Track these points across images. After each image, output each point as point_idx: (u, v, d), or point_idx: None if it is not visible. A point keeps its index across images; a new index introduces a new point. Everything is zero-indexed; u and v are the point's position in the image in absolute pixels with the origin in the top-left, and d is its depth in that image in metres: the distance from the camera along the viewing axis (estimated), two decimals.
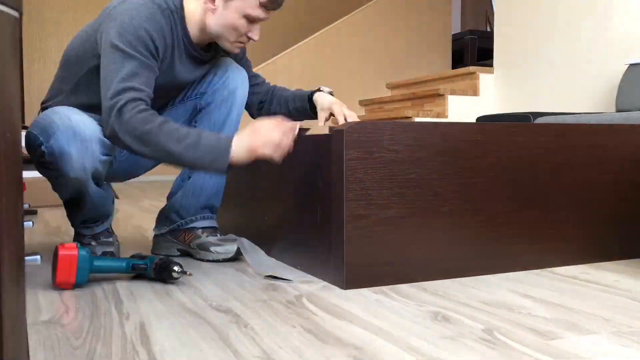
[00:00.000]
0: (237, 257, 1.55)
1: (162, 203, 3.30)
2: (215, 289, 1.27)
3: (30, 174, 3.02)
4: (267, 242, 1.60)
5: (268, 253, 1.58)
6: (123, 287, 1.28)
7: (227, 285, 1.30)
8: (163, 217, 1.63)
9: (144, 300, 1.17)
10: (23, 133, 3.07)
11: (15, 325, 0.49)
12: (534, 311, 1.09)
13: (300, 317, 1.05)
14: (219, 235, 1.59)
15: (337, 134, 1.27)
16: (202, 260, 1.55)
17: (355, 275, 1.26)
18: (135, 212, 2.80)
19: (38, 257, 1.58)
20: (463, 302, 1.15)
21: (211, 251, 1.53)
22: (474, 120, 3.71)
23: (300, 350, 0.88)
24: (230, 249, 1.53)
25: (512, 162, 1.41)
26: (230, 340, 0.93)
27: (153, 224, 1.70)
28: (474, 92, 4.07)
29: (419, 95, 4.23)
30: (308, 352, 0.88)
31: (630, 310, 1.10)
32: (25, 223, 2.34)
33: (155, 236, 1.66)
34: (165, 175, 5.80)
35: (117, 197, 3.36)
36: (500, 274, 1.40)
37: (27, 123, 5.30)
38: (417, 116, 3.92)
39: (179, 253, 1.62)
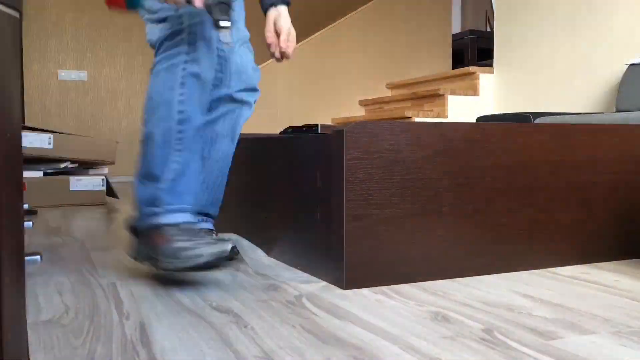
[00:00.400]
0: (232, 256, 1.54)
1: None
2: (215, 289, 1.27)
3: (30, 174, 3.02)
4: (267, 242, 1.60)
5: (268, 253, 1.58)
6: (123, 287, 1.28)
7: (227, 286, 1.30)
8: None
9: (144, 301, 1.17)
10: (23, 133, 3.06)
11: (15, 325, 0.49)
12: (534, 311, 1.09)
13: (300, 317, 1.05)
14: (214, 235, 1.59)
15: (337, 133, 1.27)
16: None
17: (355, 275, 1.26)
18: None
19: (38, 257, 1.59)
20: (463, 302, 1.15)
21: None
22: (474, 120, 3.71)
23: (300, 350, 0.88)
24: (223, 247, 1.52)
25: (512, 162, 1.41)
26: (230, 340, 0.93)
27: None
28: (474, 92, 4.07)
29: (419, 95, 4.24)
30: (308, 352, 0.88)
31: (630, 310, 1.10)
32: (25, 223, 2.34)
33: None
34: None
35: (117, 198, 3.36)
36: (500, 274, 1.40)
37: (28, 123, 5.30)
38: (417, 116, 3.93)
39: None
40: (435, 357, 0.85)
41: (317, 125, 1.53)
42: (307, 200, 1.40)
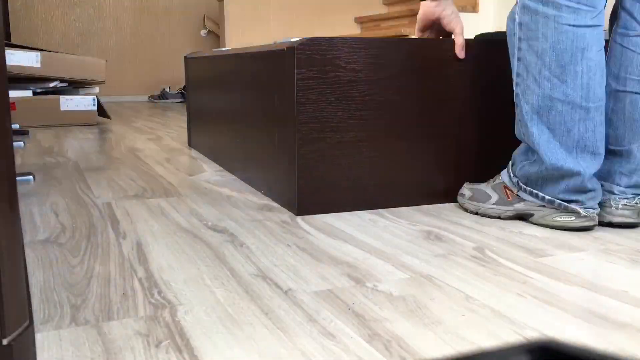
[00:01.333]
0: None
1: (154, 123, 3.27)
2: (211, 209, 1.28)
3: (19, 94, 2.97)
4: (239, 166, 1.55)
5: (238, 175, 1.55)
6: (119, 207, 1.29)
7: (222, 206, 1.31)
8: None
9: (140, 220, 1.18)
10: (10, 51, 2.97)
11: (11, 245, 0.49)
12: (525, 230, 1.11)
13: (295, 237, 1.07)
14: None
15: (288, 51, 1.19)
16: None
17: (308, 200, 1.21)
18: (128, 133, 2.78)
19: (31, 177, 1.59)
20: (456, 222, 1.17)
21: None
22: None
23: (295, 268, 0.90)
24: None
25: (490, 83, 1.31)
26: (226, 258, 0.95)
27: (145, 144, 1.68)
28: (473, 8, 3.96)
29: (417, 12, 4.11)
30: (303, 270, 0.89)
31: (620, 229, 1.11)
32: (16, 143, 2.32)
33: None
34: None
35: (109, 118, 3.32)
36: None
37: (14, 41, 5.15)
38: (415, 34, 3.84)
39: None
40: (427, 274, 0.87)
41: None
42: (268, 122, 1.34)
